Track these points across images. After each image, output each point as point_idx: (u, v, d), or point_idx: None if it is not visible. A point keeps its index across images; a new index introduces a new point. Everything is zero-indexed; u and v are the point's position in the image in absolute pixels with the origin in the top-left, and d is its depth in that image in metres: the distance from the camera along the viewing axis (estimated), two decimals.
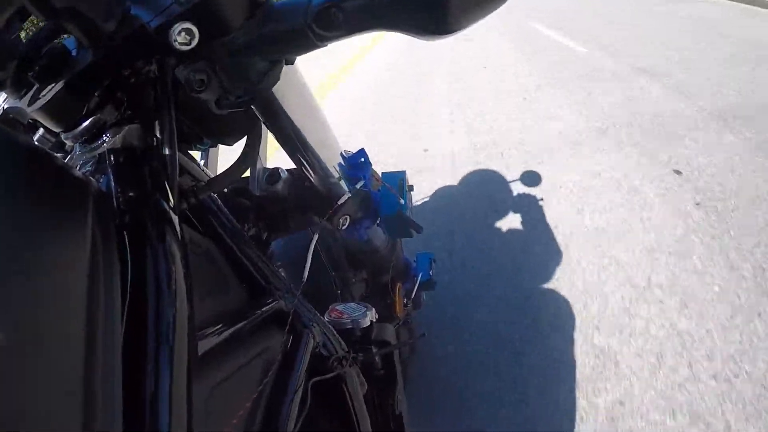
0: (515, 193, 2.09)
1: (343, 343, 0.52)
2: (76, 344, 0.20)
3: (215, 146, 0.43)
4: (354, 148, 0.71)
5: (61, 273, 0.21)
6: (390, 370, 0.63)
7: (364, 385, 0.52)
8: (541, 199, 2.01)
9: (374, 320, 0.64)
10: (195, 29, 0.28)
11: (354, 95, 3.91)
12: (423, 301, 1.28)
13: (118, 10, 0.29)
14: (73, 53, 0.31)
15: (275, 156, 0.85)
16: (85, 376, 0.19)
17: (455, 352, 1.38)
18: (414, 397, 1.23)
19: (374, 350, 0.60)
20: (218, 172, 0.42)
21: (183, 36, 0.28)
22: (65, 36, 0.33)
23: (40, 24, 0.32)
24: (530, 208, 1.96)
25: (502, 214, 1.95)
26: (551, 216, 1.89)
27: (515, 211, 1.96)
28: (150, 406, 0.22)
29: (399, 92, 3.83)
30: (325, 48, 0.30)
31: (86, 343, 0.20)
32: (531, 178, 2.18)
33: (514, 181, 2.19)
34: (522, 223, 1.90)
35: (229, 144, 0.40)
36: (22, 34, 0.34)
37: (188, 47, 0.29)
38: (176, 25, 0.28)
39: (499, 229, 1.89)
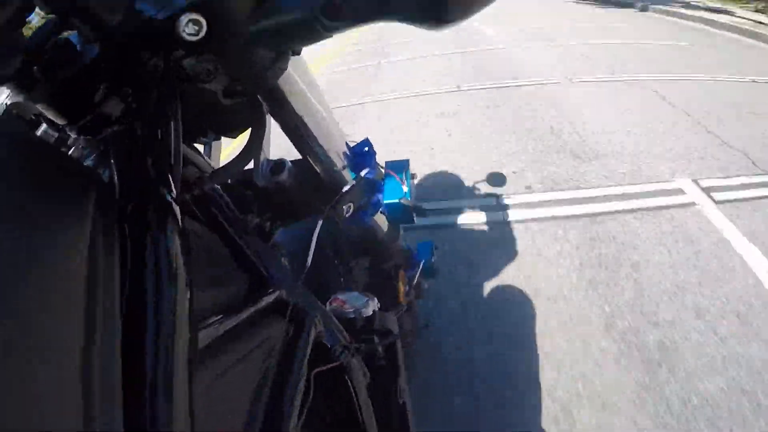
0: None
1: (345, 332, 0.52)
2: (75, 336, 0.20)
3: (218, 139, 0.43)
4: None
5: (61, 264, 0.21)
6: (393, 359, 0.63)
7: (366, 374, 0.52)
8: None
9: (377, 309, 0.65)
10: (203, 20, 0.28)
11: None
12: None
13: (123, 4, 0.29)
14: (78, 47, 0.31)
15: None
16: (84, 368, 0.19)
17: None
18: None
19: (377, 340, 0.60)
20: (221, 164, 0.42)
21: (191, 27, 0.28)
22: (68, 33, 0.32)
23: (44, 18, 0.32)
24: None
25: None
26: None
27: None
28: (150, 397, 0.22)
29: None
30: None
31: (85, 335, 0.20)
32: None
33: None
34: None
35: (233, 137, 0.40)
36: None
37: (196, 38, 0.28)
38: (184, 17, 0.28)
39: None
